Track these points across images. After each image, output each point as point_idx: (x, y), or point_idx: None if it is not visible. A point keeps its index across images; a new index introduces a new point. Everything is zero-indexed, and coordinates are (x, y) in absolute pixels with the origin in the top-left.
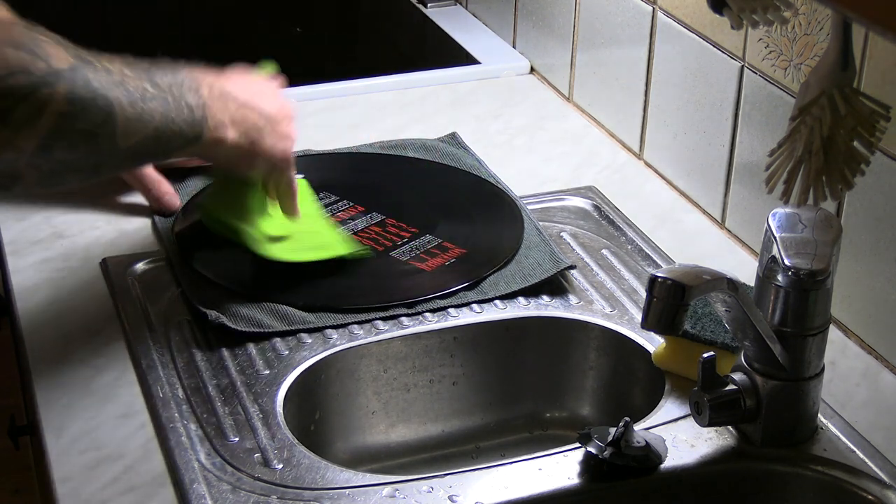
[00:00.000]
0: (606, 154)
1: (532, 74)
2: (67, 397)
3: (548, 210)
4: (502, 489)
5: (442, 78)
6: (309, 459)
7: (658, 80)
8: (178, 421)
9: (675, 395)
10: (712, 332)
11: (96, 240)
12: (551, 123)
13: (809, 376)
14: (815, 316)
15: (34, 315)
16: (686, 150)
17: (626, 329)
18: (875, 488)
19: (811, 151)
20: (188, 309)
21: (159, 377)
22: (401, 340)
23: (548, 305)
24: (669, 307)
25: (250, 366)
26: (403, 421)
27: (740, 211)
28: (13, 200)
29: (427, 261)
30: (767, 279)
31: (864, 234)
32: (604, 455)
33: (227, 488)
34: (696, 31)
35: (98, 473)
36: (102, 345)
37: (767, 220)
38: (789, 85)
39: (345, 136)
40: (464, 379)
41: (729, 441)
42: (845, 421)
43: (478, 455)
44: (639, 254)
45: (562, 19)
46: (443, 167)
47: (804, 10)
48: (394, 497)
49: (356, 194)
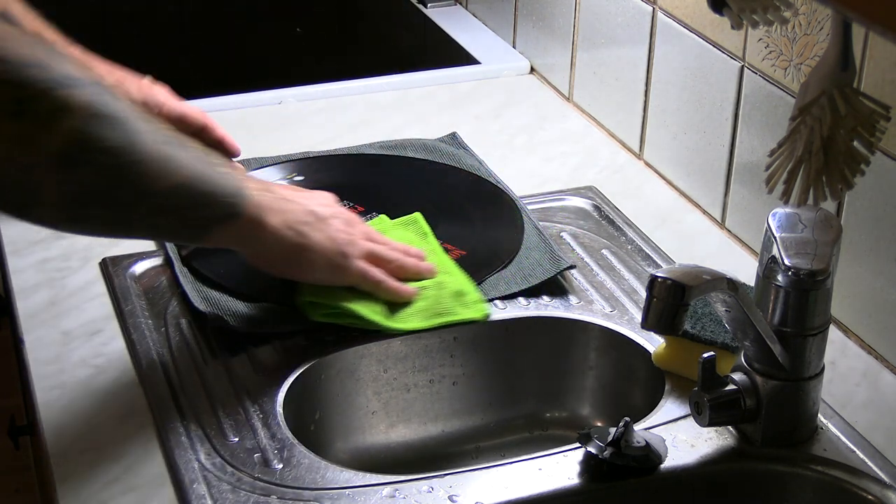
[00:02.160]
0: (606, 154)
1: (532, 74)
2: (67, 397)
3: (548, 210)
4: (502, 489)
5: (442, 78)
6: (309, 459)
7: (658, 80)
8: (178, 421)
9: (675, 395)
10: (712, 332)
11: (96, 240)
12: (551, 123)
13: (809, 376)
14: (815, 316)
15: (34, 315)
16: (686, 150)
17: (626, 329)
18: (875, 488)
19: (811, 151)
20: (188, 309)
21: (159, 377)
22: (401, 340)
23: (548, 305)
24: (669, 307)
25: (250, 366)
26: (403, 421)
27: (740, 211)
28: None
29: None
30: (767, 279)
31: (864, 234)
32: (604, 455)
33: (227, 488)
34: (696, 31)
35: (98, 473)
36: (102, 345)
37: (767, 220)
38: (789, 85)
39: (345, 136)
40: (464, 379)
41: (729, 441)
42: (845, 421)
43: (478, 455)
44: (639, 254)
45: (562, 19)
46: (443, 167)
47: (804, 10)
48: (394, 497)
49: (356, 194)
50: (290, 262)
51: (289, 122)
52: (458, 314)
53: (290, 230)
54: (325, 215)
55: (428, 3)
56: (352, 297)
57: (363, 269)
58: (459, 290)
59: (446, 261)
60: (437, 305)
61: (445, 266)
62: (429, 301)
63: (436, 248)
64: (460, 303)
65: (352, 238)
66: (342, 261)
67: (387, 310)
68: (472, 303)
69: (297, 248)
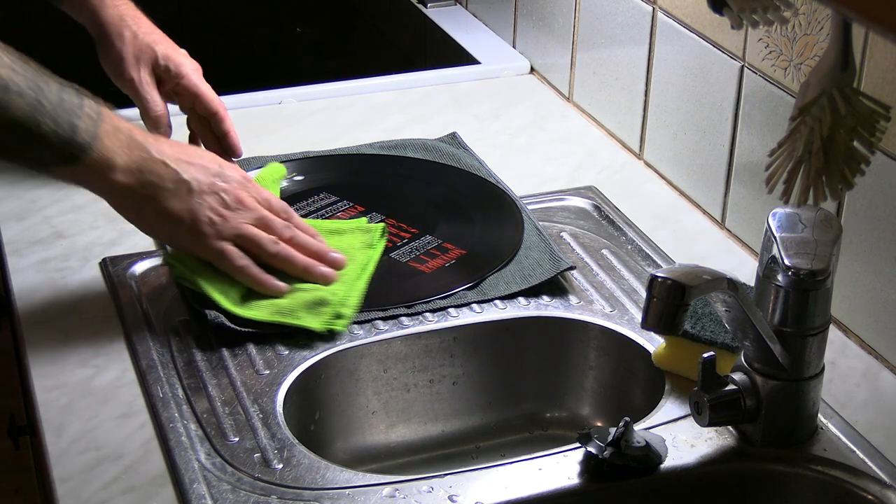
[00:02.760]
0: (606, 154)
1: (532, 74)
2: (67, 397)
3: (548, 210)
4: (502, 489)
5: (442, 78)
6: (309, 459)
7: (658, 80)
8: (178, 421)
9: (675, 395)
10: (712, 332)
11: (96, 240)
12: (551, 123)
13: (809, 376)
14: (815, 316)
15: (34, 315)
16: (686, 150)
17: (626, 329)
18: (875, 488)
19: (811, 151)
20: (188, 309)
21: (159, 377)
22: (401, 340)
23: (548, 305)
24: (669, 307)
25: (250, 366)
26: (403, 421)
27: (740, 211)
28: None
29: (427, 262)
30: (767, 279)
31: (864, 234)
32: (604, 455)
33: (227, 488)
34: (696, 31)
35: (98, 473)
36: (102, 345)
37: (767, 220)
38: (789, 85)
39: (345, 136)
40: (464, 379)
41: (729, 441)
42: (845, 421)
43: (478, 455)
44: (639, 254)
45: (562, 19)
46: (443, 167)
47: (804, 10)
48: (394, 497)
49: (356, 194)
50: (136, 219)
51: (289, 122)
52: (300, 319)
53: (142, 189)
54: (198, 189)
55: (428, 3)
56: (211, 271)
57: (222, 250)
58: (324, 299)
59: (362, 280)
60: (291, 304)
61: (351, 280)
62: (289, 300)
63: (371, 262)
64: (314, 311)
65: (221, 218)
66: (197, 237)
67: (242, 293)
68: (329, 316)
69: (144, 209)
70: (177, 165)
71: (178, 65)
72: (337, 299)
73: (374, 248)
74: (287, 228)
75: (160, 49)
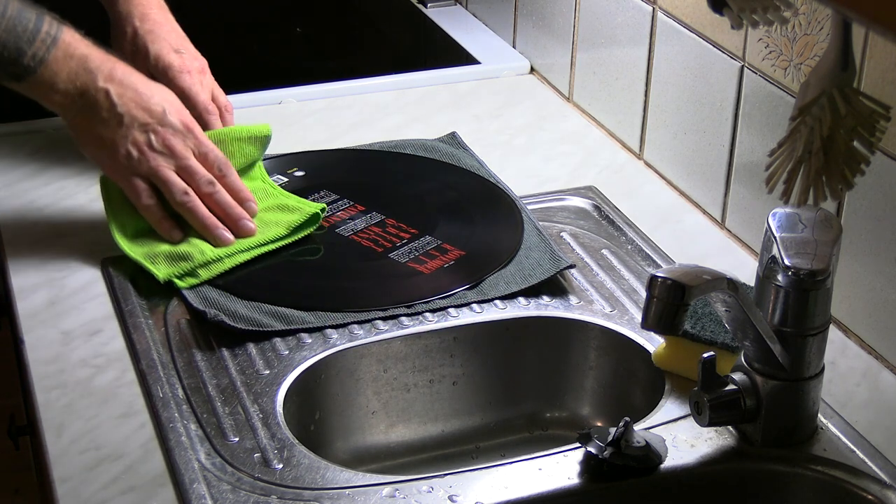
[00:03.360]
0: (606, 154)
1: (532, 74)
2: (67, 397)
3: (548, 210)
4: (502, 489)
5: (442, 78)
6: (309, 459)
7: (658, 80)
8: (178, 421)
9: (675, 395)
10: (712, 332)
11: (96, 240)
12: (551, 123)
13: (809, 376)
14: (815, 316)
15: (34, 315)
16: (686, 150)
17: (626, 329)
18: (875, 488)
19: (811, 151)
20: (188, 309)
21: (159, 377)
22: (401, 340)
23: (548, 305)
24: (669, 307)
25: (250, 366)
26: (403, 421)
27: (740, 211)
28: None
29: (426, 263)
30: (767, 279)
31: (864, 234)
32: (604, 455)
33: (227, 488)
34: (696, 31)
35: (98, 473)
36: (102, 345)
37: (767, 220)
38: (789, 85)
39: (345, 136)
40: (464, 379)
41: (729, 441)
42: (845, 421)
43: (478, 455)
44: (639, 254)
45: (562, 19)
46: (443, 167)
47: (804, 10)
48: (394, 497)
49: (356, 194)
50: (74, 135)
51: (289, 122)
52: (152, 263)
53: (77, 112)
54: (128, 123)
55: (428, 3)
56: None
57: (133, 184)
58: (189, 254)
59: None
60: (165, 249)
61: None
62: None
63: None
64: (170, 260)
65: (141, 154)
66: (115, 166)
67: (140, 227)
68: (181, 270)
69: (77, 128)
70: (118, 98)
71: (165, 66)
72: (202, 259)
73: (291, 230)
74: (209, 184)
75: (153, 49)
